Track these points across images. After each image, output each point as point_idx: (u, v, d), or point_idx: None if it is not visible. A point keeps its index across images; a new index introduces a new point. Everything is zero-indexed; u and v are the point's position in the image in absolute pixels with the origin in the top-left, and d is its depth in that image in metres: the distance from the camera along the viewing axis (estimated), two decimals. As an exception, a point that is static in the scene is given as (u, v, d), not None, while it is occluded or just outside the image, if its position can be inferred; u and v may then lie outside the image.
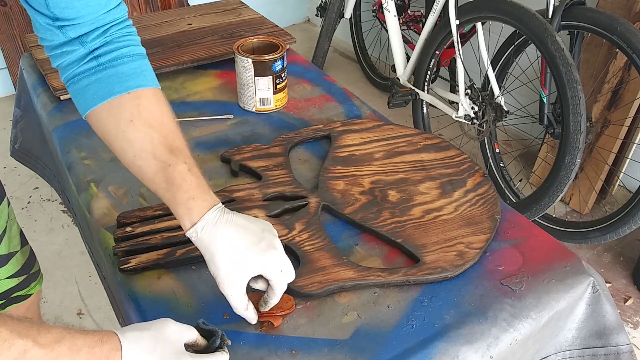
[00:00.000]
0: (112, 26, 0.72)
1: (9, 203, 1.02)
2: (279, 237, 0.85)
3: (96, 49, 0.71)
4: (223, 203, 0.91)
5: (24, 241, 1.08)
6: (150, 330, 0.60)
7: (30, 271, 1.07)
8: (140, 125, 0.71)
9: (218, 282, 0.70)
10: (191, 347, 0.64)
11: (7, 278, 1.01)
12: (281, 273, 0.72)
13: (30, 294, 1.09)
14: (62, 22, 0.68)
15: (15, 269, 1.03)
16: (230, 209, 0.91)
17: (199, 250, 0.71)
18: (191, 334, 0.64)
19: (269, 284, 0.73)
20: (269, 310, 0.74)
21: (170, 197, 0.71)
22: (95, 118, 0.73)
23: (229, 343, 0.67)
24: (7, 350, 0.49)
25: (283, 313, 0.75)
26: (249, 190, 0.95)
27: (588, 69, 1.96)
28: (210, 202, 0.72)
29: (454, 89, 2.22)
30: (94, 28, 0.71)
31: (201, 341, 0.65)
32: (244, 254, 0.70)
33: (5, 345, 0.49)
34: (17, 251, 1.03)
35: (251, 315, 0.73)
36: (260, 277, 0.72)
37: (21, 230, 1.08)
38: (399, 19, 2.33)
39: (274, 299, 0.73)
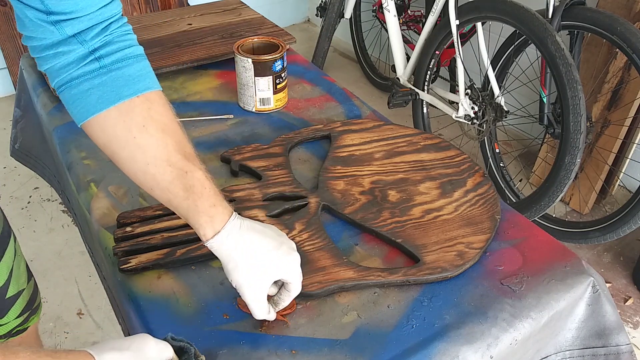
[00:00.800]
0: (111, 23, 0.67)
1: (15, 239, 0.96)
2: (279, 237, 0.86)
3: (97, 48, 0.66)
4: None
5: (29, 275, 1.02)
6: (129, 351, 0.57)
7: (32, 306, 1.01)
8: (153, 130, 0.67)
9: (243, 291, 0.69)
10: None
11: (15, 319, 0.96)
12: (299, 276, 0.72)
13: (28, 327, 1.02)
14: (58, 16, 0.62)
15: (22, 307, 0.98)
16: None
17: (199, 251, 0.70)
18: (168, 352, 0.61)
19: (282, 287, 0.73)
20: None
21: (189, 205, 0.68)
22: (98, 125, 0.68)
23: (203, 359, 0.65)
24: None
25: (285, 313, 0.75)
26: (249, 190, 0.95)
27: (588, 69, 1.96)
28: (230, 209, 0.70)
29: (454, 89, 2.22)
30: (93, 24, 0.65)
31: (175, 359, 0.62)
32: (267, 259, 0.69)
33: None
34: (24, 289, 0.97)
35: (272, 317, 0.74)
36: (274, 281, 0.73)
37: (27, 265, 1.02)
38: (399, 19, 2.33)
39: (288, 300, 0.73)
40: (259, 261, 0.69)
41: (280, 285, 0.75)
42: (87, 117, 0.67)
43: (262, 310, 0.71)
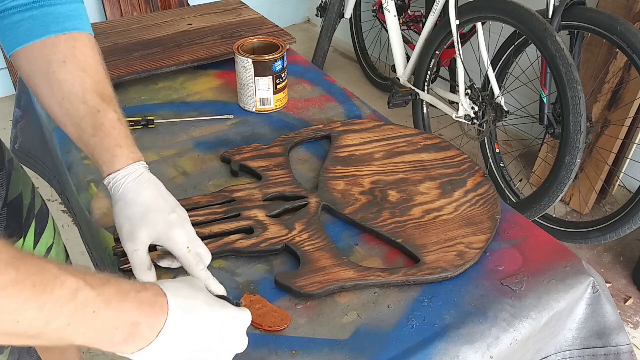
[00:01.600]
0: None
1: (53, 220, 0.98)
2: (279, 237, 0.86)
3: None
4: (223, 203, 0.92)
5: (67, 256, 1.04)
6: (185, 282, 0.60)
7: None
8: (73, 67, 0.71)
9: (122, 235, 0.71)
10: None
11: None
12: (182, 246, 0.72)
13: None
14: None
15: None
16: (231, 209, 0.91)
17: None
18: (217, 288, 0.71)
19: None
20: (262, 324, 0.74)
21: (96, 142, 0.71)
22: (24, 56, 0.71)
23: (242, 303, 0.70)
24: (59, 288, 0.46)
25: (272, 329, 0.74)
26: (249, 190, 0.95)
27: (588, 69, 1.96)
28: (137, 156, 0.73)
29: (454, 89, 2.22)
30: None
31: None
32: (155, 215, 0.71)
33: (57, 282, 0.46)
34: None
35: (152, 278, 0.73)
36: (167, 254, 0.75)
37: (65, 248, 1.03)
38: (399, 19, 2.33)
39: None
40: (148, 213, 0.70)
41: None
42: (15, 47, 0.71)
43: (141, 263, 0.71)
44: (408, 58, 2.26)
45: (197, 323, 0.57)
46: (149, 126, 1.15)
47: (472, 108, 1.97)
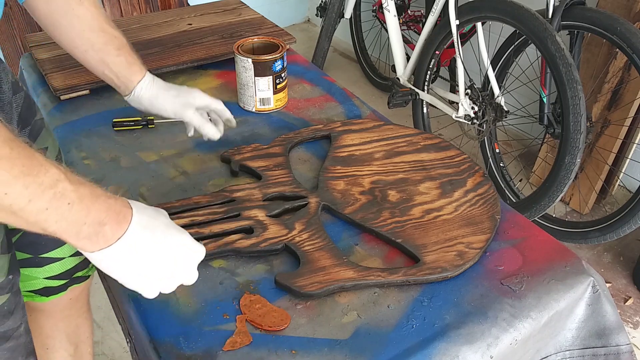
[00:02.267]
0: None
1: None
2: (279, 237, 0.86)
3: None
4: (223, 203, 0.92)
5: None
6: (152, 208, 0.66)
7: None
8: (88, 4, 0.88)
9: (175, 109, 0.99)
10: None
11: (70, 256, 1.01)
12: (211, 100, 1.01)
13: (89, 275, 1.08)
14: None
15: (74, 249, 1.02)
16: (231, 209, 0.91)
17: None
18: None
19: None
20: (262, 324, 0.74)
21: (121, 61, 0.92)
22: None
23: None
24: (43, 175, 0.53)
25: (272, 329, 0.74)
26: (249, 190, 0.95)
27: (588, 69, 1.96)
28: (144, 67, 0.98)
29: (454, 89, 2.22)
30: None
31: None
32: (182, 91, 1.00)
33: (42, 169, 0.53)
34: None
35: (217, 133, 1.02)
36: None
37: None
38: (399, 19, 2.33)
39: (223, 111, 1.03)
40: (180, 92, 0.99)
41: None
42: None
43: (202, 122, 1.02)
44: (408, 58, 2.26)
45: (153, 240, 0.63)
46: (149, 126, 1.15)
47: (472, 108, 1.96)
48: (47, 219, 0.54)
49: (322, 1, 2.76)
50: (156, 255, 0.63)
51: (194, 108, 0.99)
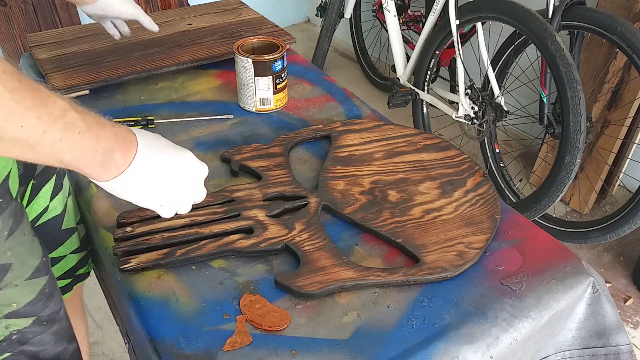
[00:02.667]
0: None
1: (70, 183, 1.02)
2: (279, 237, 0.86)
3: None
4: (223, 203, 0.92)
5: (79, 221, 1.06)
6: (148, 132, 0.68)
7: (88, 247, 1.07)
8: None
9: None
10: None
11: (71, 253, 1.01)
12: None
13: (89, 272, 1.08)
14: None
15: (77, 245, 1.03)
16: (231, 209, 0.91)
17: (199, 251, 0.72)
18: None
19: None
20: (262, 324, 0.74)
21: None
22: None
23: None
24: (52, 105, 0.54)
25: (272, 329, 0.74)
26: (249, 190, 0.95)
27: (588, 69, 1.96)
28: None
29: (454, 89, 2.22)
30: None
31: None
32: None
33: (50, 100, 0.54)
34: (76, 228, 1.03)
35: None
36: None
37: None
38: (399, 19, 2.33)
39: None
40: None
41: None
42: None
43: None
44: (408, 58, 2.26)
45: (162, 159, 0.66)
46: (149, 126, 1.15)
47: (472, 108, 1.97)
48: (62, 149, 0.56)
49: (322, 1, 2.76)
50: (166, 173, 0.67)
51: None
